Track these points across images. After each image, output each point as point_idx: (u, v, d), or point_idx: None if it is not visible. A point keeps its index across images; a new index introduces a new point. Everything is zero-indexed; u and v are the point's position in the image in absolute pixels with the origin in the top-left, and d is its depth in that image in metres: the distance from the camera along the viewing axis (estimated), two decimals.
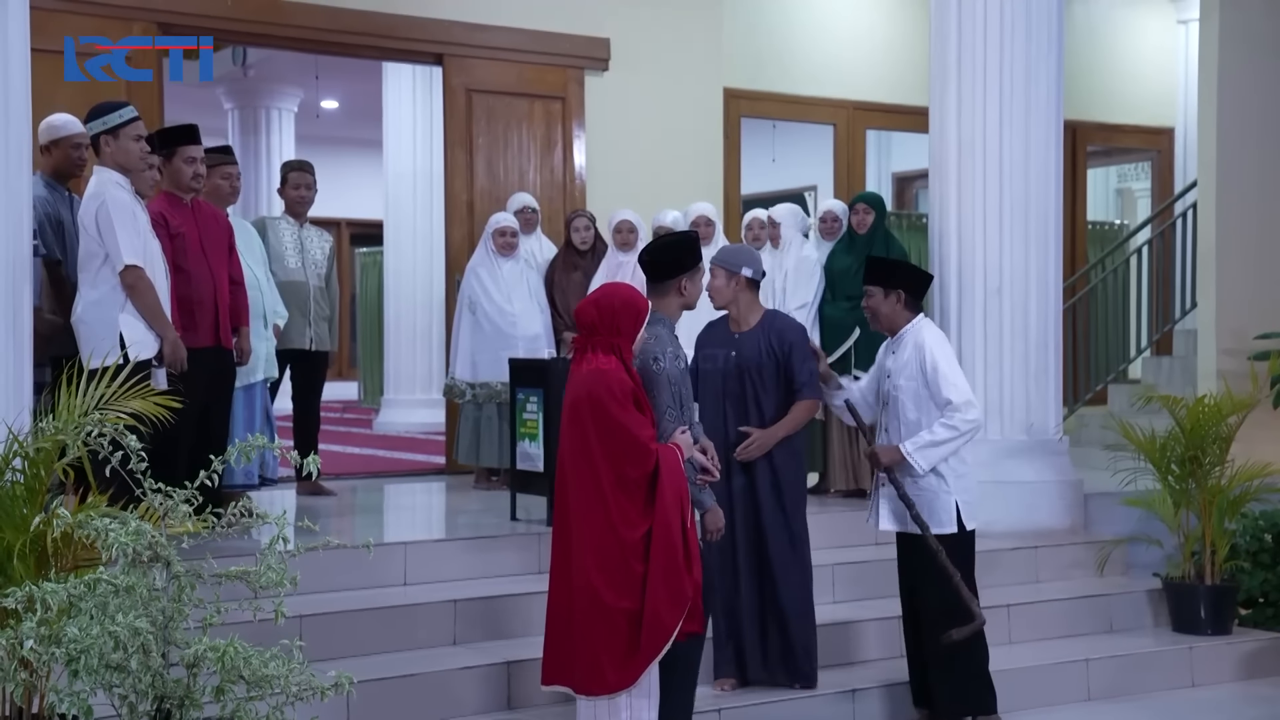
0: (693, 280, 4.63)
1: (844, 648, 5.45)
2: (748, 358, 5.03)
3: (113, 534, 3.25)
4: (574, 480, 4.17)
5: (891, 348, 5.02)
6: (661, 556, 4.08)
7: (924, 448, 4.79)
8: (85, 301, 5.10)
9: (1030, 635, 5.87)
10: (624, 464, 4.10)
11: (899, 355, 4.96)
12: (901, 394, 4.89)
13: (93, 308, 5.07)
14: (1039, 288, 6.71)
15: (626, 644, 4.09)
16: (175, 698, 3.36)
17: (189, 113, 13.85)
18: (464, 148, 8.60)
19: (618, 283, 4.56)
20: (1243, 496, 6.26)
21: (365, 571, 5.26)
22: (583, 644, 4.12)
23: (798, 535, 5.03)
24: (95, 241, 5.08)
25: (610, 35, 8.89)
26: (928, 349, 4.87)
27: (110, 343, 4.90)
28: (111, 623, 3.15)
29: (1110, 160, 12.81)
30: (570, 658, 4.15)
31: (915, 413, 4.87)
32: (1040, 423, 6.71)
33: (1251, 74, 7.92)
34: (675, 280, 4.59)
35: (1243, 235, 7.94)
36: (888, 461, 4.86)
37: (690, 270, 4.62)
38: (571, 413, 4.19)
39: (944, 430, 4.79)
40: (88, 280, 5.10)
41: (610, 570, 4.09)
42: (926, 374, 4.85)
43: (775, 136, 11.32)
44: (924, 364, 4.85)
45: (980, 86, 6.66)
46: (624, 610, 4.08)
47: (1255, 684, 5.91)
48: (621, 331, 4.22)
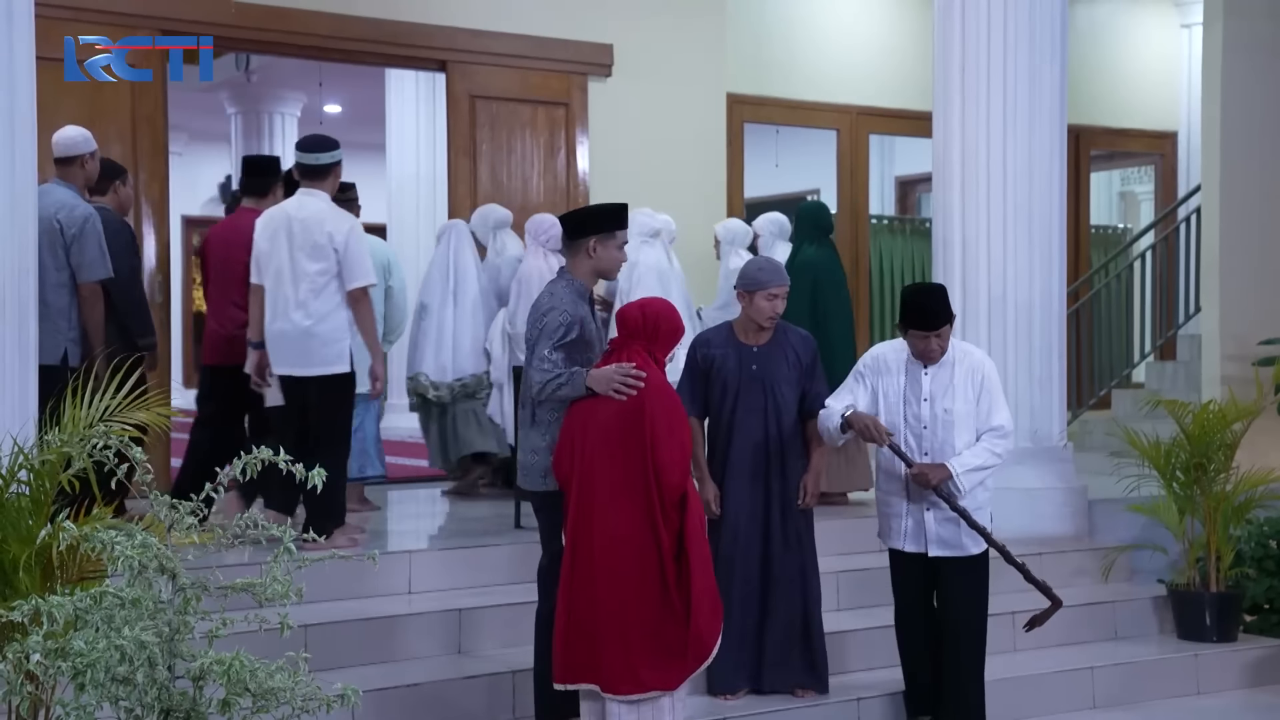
0: (604, 246, 4.62)
1: (846, 656, 5.44)
2: (773, 372, 5.02)
3: (119, 547, 3.25)
4: (610, 484, 4.24)
5: (923, 369, 4.87)
6: (699, 565, 4.23)
7: (971, 470, 4.76)
8: (316, 315, 5.57)
9: (1035, 643, 5.84)
10: (675, 472, 4.24)
11: (939, 376, 4.84)
12: (956, 418, 4.79)
13: (324, 321, 5.59)
14: (1042, 294, 6.71)
15: (667, 646, 4.21)
16: (181, 711, 3.35)
17: (192, 117, 13.96)
18: (467, 154, 8.60)
19: (663, 298, 4.69)
20: (1247, 503, 6.26)
21: (369, 581, 5.26)
22: (615, 645, 4.21)
23: (813, 542, 5.10)
24: (333, 260, 5.57)
25: (614, 41, 8.89)
26: (986, 372, 4.84)
27: (343, 353, 5.61)
28: (118, 635, 3.15)
29: (1113, 164, 12.80)
30: (598, 658, 4.23)
31: (969, 435, 4.81)
32: (1044, 430, 6.71)
33: (1255, 79, 7.91)
34: (584, 240, 4.60)
35: (1246, 240, 7.93)
36: (937, 480, 4.76)
37: (602, 234, 4.61)
38: (621, 419, 4.26)
39: (990, 456, 4.77)
40: (314, 293, 5.58)
41: (649, 574, 4.21)
42: (979, 396, 4.80)
43: (779, 142, 11.32)
44: (979, 386, 4.81)
45: (984, 92, 6.65)
46: (657, 615, 4.20)
47: (1260, 692, 5.90)
48: (659, 340, 4.39)
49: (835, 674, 5.21)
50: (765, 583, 5.03)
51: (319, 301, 5.57)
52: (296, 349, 5.59)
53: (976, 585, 4.89)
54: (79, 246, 5.49)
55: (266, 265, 5.66)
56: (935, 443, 4.82)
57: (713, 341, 5.08)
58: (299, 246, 5.57)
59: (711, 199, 9.18)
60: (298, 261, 5.57)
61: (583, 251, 4.61)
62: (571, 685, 4.32)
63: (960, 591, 4.89)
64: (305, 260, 5.56)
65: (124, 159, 7.33)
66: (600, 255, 4.61)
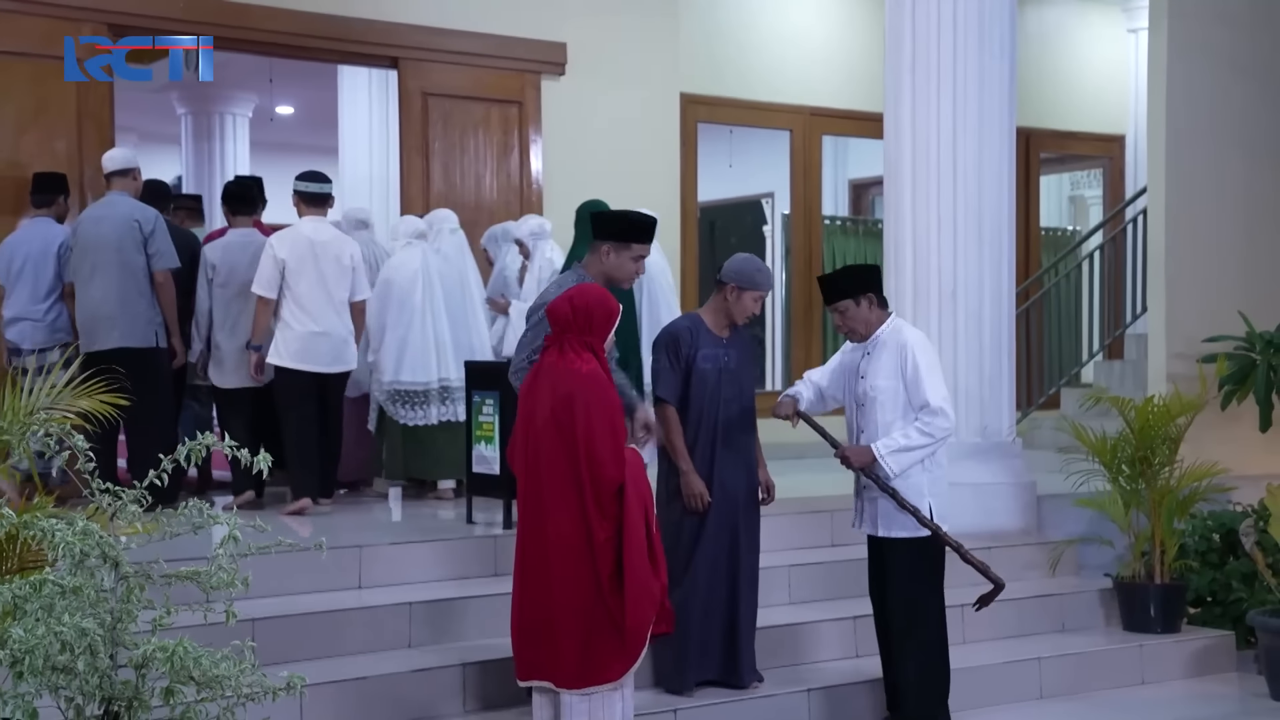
0: (618, 254, 4.76)
1: (799, 648, 5.47)
2: (742, 363, 5.07)
3: (59, 534, 3.21)
4: (550, 478, 4.20)
5: (866, 348, 4.95)
6: (633, 558, 4.17)
7: (896, 452, 4.76)
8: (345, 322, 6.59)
9: (984, 635, 5.91)
10: (607, 465, 4.17)
11: (875, 356, 4.91)
12: (880, 395, 4.84)
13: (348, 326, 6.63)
14: (992, 291, 6.77)
15: (608, 641, 4.18)
16: (124, 699, 3.32)
17: (141, 118, 13.81)
18: (420, 152, 8.57)
19: (591, 284, 4.57)
20: (1191, 496, 6.34)
21: (319, 575, 5.22)
22: (566, 641, 4.18)
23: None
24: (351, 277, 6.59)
25: (567, 40, 8.89)
26: (910, 350, 4.84)
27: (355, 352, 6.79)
28: (58, 623, 3.11)
29: (1063, 167, 12.94)
30: (551, 655, 4.21)
31: (892, 414, 4.84)
32: (994, 425, 6.76)
33: (1199, 82, 8.02)
34: (602, 243, 4.80)
35: (1192, 240, 8.04)
36: (859, 464, 4.82)
37: (617, 243, 4.73)
38: (554, 411, 4.21)
39: (918, 435, 4.77)
40: (344, 304, 6.58)
41: (582, 569, 4.16)
42: (906, 376, 4.82)
43: (732, 143, 11.35)
44: (905, 365, 4.82)
45: (934, 92, 6.71)
46: (600, 609, 4.16)
47: (1203, 681, 5.98)
48: (594, 329, 4.29)
49: (786, 665, 5.24)
50: (734, 578, 5.02)
51: (345, 311, 6.58)
52: (335, 350, 6.56)
53: (914, 569, 4.88)
54: (154, 241, 6.46)
55: (295, 281, 6.44)
56: (868, 421, 4.88)
57: (694, 333, 5.03)
58: (327, 265, 6.49)
59: (665, 198, 9.18)
60: (328, 278, 6.49)
61: (599, 252, 4.80)
62: (529, 682, 4.30)
63: (898, 574, 4.91)
64: (335, 276, 6.51)
65: (69, 154, 7.29)
66: (611, 261, 4.78)
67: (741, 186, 12.20)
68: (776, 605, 5.59)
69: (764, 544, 5.17)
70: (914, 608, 4.90)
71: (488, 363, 6.65)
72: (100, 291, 6.36)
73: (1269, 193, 8.24)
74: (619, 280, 4.81)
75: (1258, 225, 8.23)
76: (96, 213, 6.52)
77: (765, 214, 12.14)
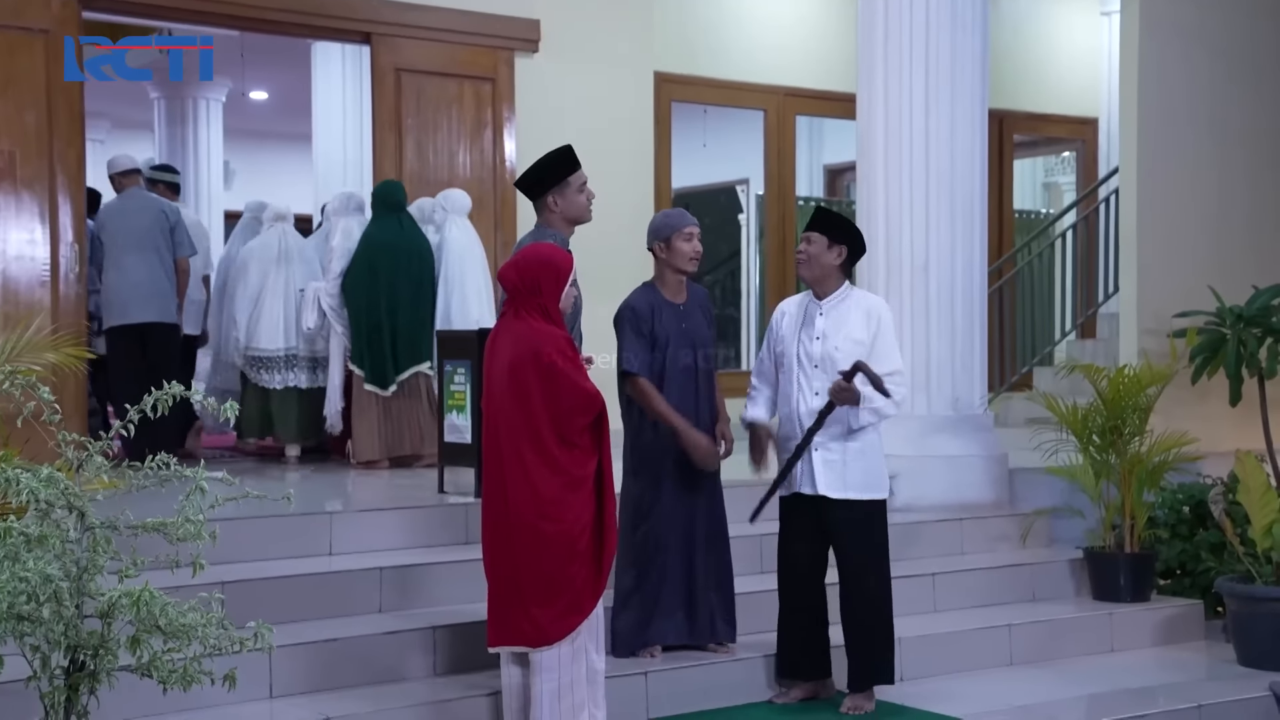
0: (563, 195, 4.74)
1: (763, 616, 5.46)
2: (698, 329, 5.07)
3: (24, 480, 3.19)
4: (510, 439, 4.16)
5: (819, 309, 4.95)
6: (610, 499, 4.20)
7: (873, 410, 4.80)
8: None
9: (954, 604, 5.94)
10: (572, 416, 4.15)
11: (832, 315, 4.91)
12: (840, 355, 4.84)
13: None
14: (964, 265, 6.79)
15: (576, 591, 4.14)
16: (90, 648, 3.30)
17: (115, 104, 13.71)
18: (393, 129, 8.54)
19: (539, 243, 4.54)
20: (1161, 466, 6.37)
21: (291, 541, 5.22)
22: (531, 597, 4.14)
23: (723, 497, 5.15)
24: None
25: (541, 17, 8.88)
26: (882, 316, 4.91)
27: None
28: (23, 568, 3.09)
29: (1037, 151, 13.00)
30: (519, 617, 4.16)
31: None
32: (966, 397, 6.79)
33: (1170, 63, 8.05)
34: (544, 198, 4.76)
35: (1163, 220, 8.07)
36: (842, 402, 4.76)
37: (555, 185, 4.72)
38: (511, 372, 4.18)
39: (890, 403, 4.80)
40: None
41: (542, 526, 4.12)
42: (874, 339, 4.86)
43: (706, 123, 11.36)
44: (876, 329, 4.87)
45: (907, 71, 6.72)
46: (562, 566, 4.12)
47: (1171, 649, 6.01)
48: (543, 291, 4.23)
49: (749, 633, 5.22)
50: (691, 540, 5.03)
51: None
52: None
53: (867, 530, 4.87)
54: (178, 231, 7.44)
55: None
56: (825, 381, 4.84)
57: (651, 304, 5.01)
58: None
59: (639, 177, 9.20)
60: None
61: (545, 208, 4.76)
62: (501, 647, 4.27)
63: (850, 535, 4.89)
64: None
65: (39, 126, 7.22)
66: (563, 205, 4.74)
67: (716, 171, 12.22)
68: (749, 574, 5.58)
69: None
70: (864, 570, 4.89)
71: (459, 332, 6.63)
72: (136, 274, 7.29)
73: (1240, 171, 8.29)
74: (580, 217, 4.80)
75: (1229, 203, 8.27)
76: (123, 205, 7.52)
77: (740, 201, 12.15)
